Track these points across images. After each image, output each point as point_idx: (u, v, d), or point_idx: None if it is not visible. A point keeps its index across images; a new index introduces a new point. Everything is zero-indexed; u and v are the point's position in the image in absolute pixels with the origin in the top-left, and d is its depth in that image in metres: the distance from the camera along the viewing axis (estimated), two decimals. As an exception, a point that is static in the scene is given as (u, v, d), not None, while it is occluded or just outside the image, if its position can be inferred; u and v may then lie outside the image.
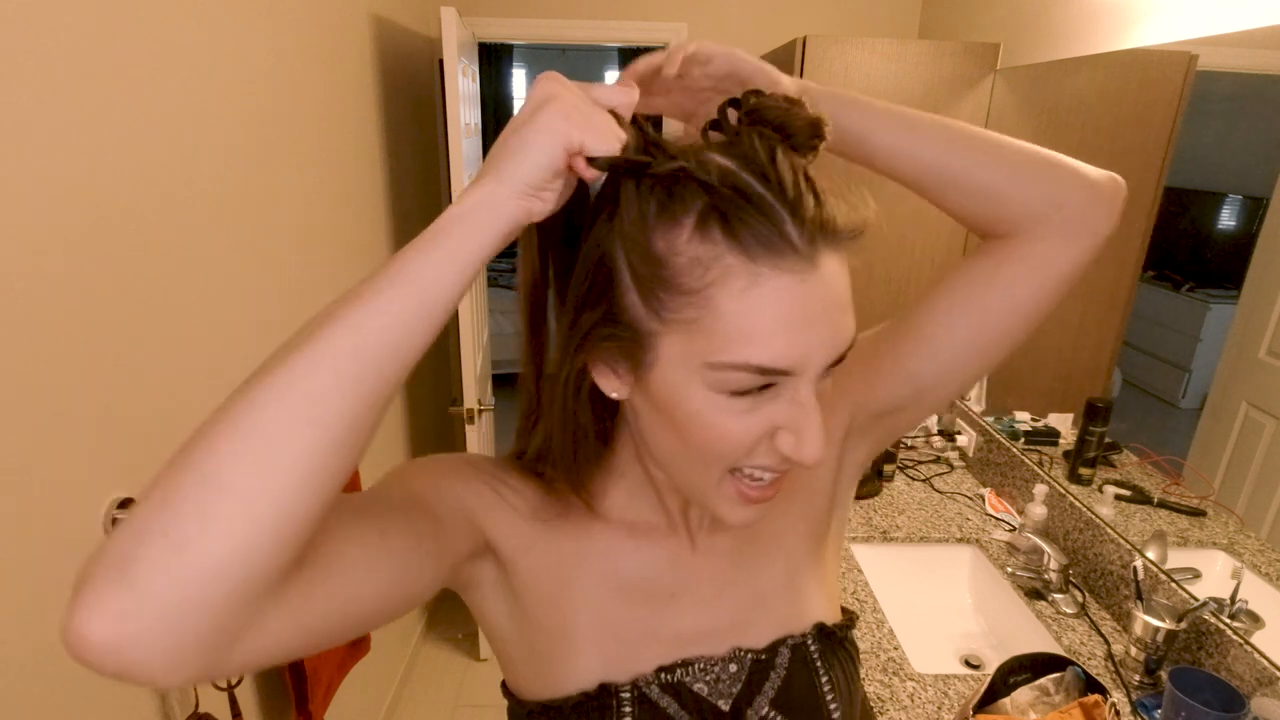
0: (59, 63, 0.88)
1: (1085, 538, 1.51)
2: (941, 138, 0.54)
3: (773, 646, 0.59)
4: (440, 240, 0.39)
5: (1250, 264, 1.19)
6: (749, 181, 0.42)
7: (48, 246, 0.87)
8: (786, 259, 0.42)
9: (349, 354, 0.36)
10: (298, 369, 0.35)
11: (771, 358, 0.43)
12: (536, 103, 0.41)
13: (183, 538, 0.31)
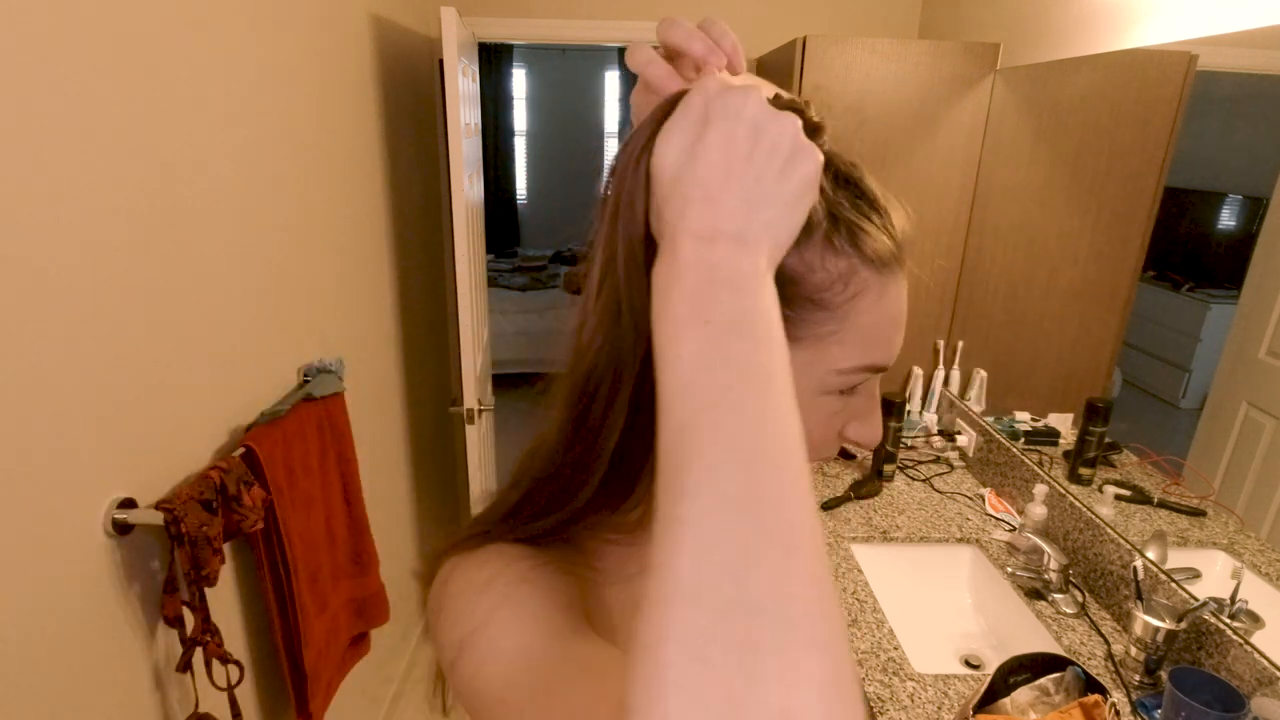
0: (59, 63, 0.88)
1: (1085, 538, 1.51)
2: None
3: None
4: (754, 324, 0.32)
5: (1250, 264, 1.19)
6: (857, 188, 0.44)
7: (48, 247, 0.87)
8: (900, 268, 0.45)
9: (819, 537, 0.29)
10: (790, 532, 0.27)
11: (888, 356, 0.46)
12: (789, 152, 0.35)
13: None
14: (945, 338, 2.17)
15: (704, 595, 0.25)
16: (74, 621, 0.93)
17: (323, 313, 1.64)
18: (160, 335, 1.07)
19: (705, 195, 0.34)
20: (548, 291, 5.20)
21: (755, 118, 0.35)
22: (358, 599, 1.60)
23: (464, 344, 2.07)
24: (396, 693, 2.29)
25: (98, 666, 0.97)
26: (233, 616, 1.29)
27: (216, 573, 1.08)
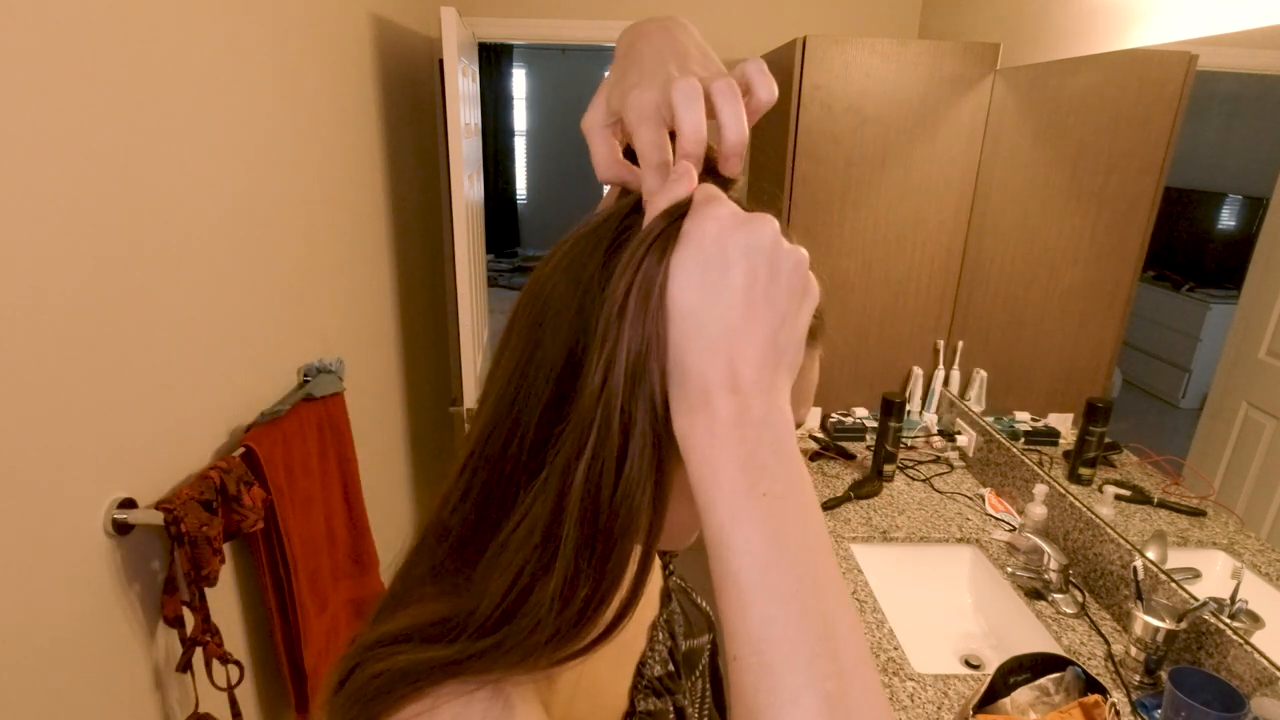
0: (59, 64, 0.88)
1: (1085, 538, 1.51)
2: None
3: (666, 595, 0.63)
4: (777, 460, 0.33)
5: (1250, 264, 1.19)
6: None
7: (48, 247, 0.87)
8: (820, 339, 0.44)
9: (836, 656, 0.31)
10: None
11: (799, 420, 0.44)
12: (799, 289, 0.35)
13: None
14: (945, 338, 2.17)
15: None
16: (74, 621, 0.93)
17: (323, 313, 1.64)
18: (160, 335, 1.07)
19: (731, 343, 0.33)
20: (548, 291, 5.19)
21: (773, 254, 0.34)
22: (358, 599, 1.60)
23: (464, 344, 2.07)
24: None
25: (98, 666, 0.97)
26: (233, 616, 1.29)
27: (216, 573, 1.08)
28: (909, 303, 2.14)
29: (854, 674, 0.31)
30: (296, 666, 1.35)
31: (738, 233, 0.34)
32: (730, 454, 0.32)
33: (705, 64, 0.42)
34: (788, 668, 0.30)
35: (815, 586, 0.31)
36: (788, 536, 0.32)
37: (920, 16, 2.54)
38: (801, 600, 0.31)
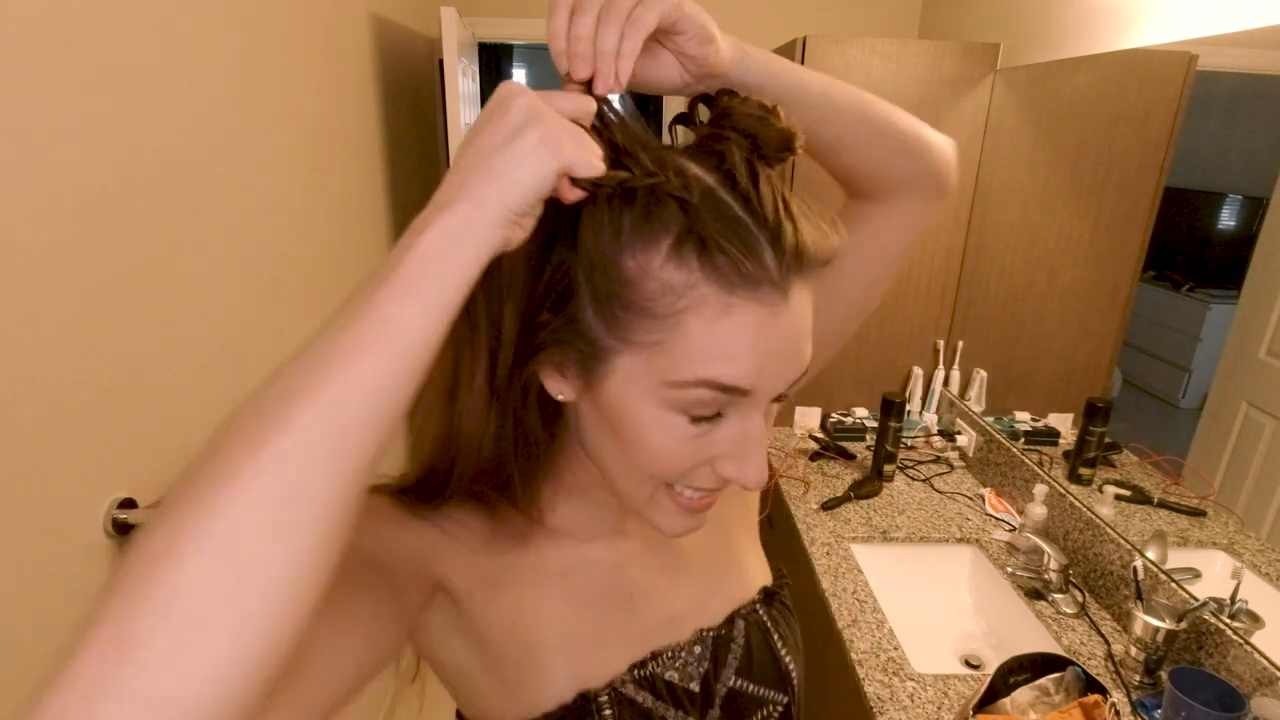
0: (59, 63, 0.88)
1: (1085, 538, 1.51)
2: (854, 106, 0.55)
3: (729, 620, 0.62)
4: (418, 285, 0.34)
5: (1250, 264, 1.19)
6: (730, 205, 0.41)
7: (48, 246, 0.87)
8: (762, 290, 0.41)
9: (326, 438, 0.31)
10: (266, 462, 0.29)
11: (734, 377, 0.42)
12: (519, 123, 0.37)
13: (151, 693, 0.26)
14: (945, 338, 2.17)
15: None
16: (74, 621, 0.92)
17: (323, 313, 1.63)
18: (160, 335, 1.07)
19: (459, 162, 0.38)
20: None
21: (504, 98, 0.38)
22: (358, 599, 1.60)
23: (464, 344, 2.07)
24: (396, 693, 2.29)
25: (98, 666, 0.97)
26: (233, 616, 1.29)
27: (216, 573, 1.08)
28: (909, 303, 2.14)
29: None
30: (296, 666, 1.35)
31: (497, 93, 0.39)
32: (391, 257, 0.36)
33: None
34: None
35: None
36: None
37: (920, 16, 2.54)
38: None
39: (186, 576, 0.27)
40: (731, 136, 0.43)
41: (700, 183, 0.41)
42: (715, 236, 0.40)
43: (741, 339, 0.42)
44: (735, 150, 0.43)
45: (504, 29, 2.53)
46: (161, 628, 0.27)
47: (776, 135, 0.44)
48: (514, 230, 0.37)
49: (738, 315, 0.41)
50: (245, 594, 0.28)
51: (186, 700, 0.27)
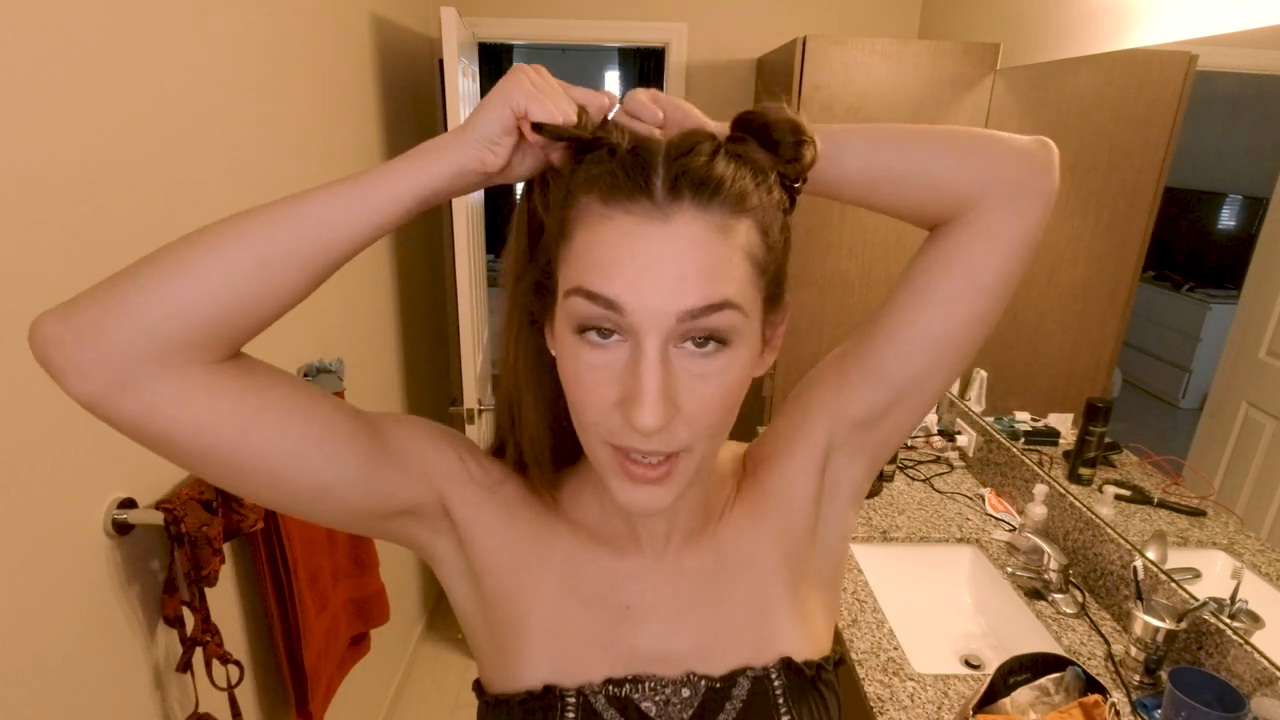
0: (59, 63, 0.88)
1: (1085, 538, 1.51)
2: (896, 143, 0.54)
3: (731, 676, 0.56)
4: (402, 159, 0.46)
5: (1250, 264, 1.19)
6: (650, 150, 0.45)
7: (48, 245, 0.87)
8: (637, 204, 0.44)
9: (285, 213, 0.44)
10: (247, 216, 0.44)
11: (601, 286, 0.44)
12: (509, 78, 0.46)
13: (116, 286, 0.42)
14: (945, 338, 2.17)
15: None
16: (74, 621, 0.93)
17: (323, 313, 1.64)
18: (160, 335, 1.07)
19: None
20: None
21: (507, 83, 0.46)
22: (358, 599, 1.60)
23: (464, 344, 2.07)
24: (396, 693, 2.29)
25: (98, 666, 0.97)
26: (233, 616, 1.29)
27: (216, 573, 1.08)
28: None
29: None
30: (296, 666, 1.35)
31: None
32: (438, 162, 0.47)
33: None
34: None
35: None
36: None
37: (920, 16, 2.54)
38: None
39: (169, 254, 0.43)
40: (738, 139, 0.48)
41: (638, 136, 0.46)
42: (618, 162, 0.45)
43: (613, 249, 0.44)
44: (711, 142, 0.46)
45: (504, 29, 2.52)
46: (150, 267, 0.42)
47: (785, 120, 0.47)
48: (486, 152, 0.46)
49: (612, 226, 0.44)
50: (195, 271, 0.42)
51: (131, 303, 0.41)
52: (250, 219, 0.44)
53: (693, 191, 0.44)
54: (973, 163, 0.54)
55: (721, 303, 0.44)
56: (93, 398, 0.41)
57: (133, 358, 0.41)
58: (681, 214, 0.44)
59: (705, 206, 0.44)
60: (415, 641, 2.52)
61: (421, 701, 2.33)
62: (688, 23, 2.52)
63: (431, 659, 2.51)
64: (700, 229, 0.44)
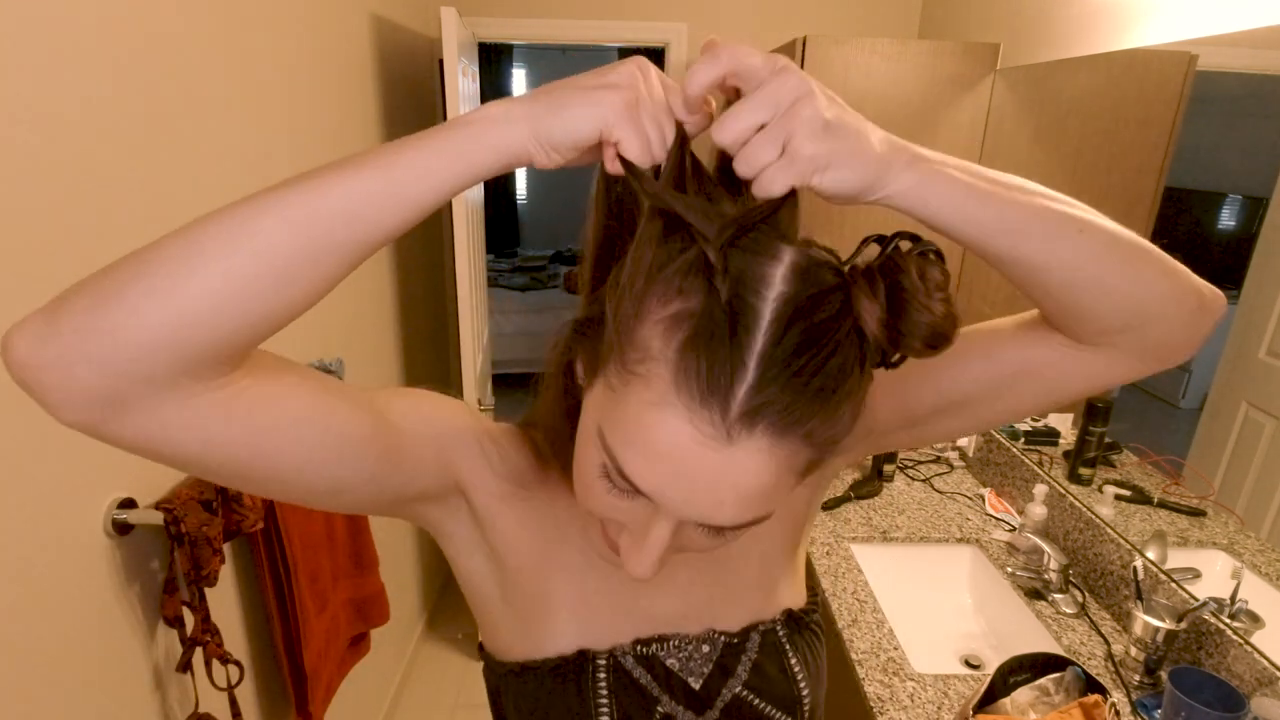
0: (59, 63, 0.88)
1: (1085, 538, 1.51)
2: (1074, 244, 0.44)
3: (744, 631, 0.61)
4: (441, 137, 0.39)
5: (1250, 264, 1.19)
6: (749, 323, 0.37)
7: (48, 244, 0.87)
8: (706, 415, 0.37)
9: (303, 209, 0.37)
10: (253, 210, 0.37)
11: (638, 477, 0.40)
12: (610, 81, 0.40)
13: (100, 302, 0.35)
14: (945, 338, 2.17)
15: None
16: (74, 621, 0.93)
17: (323, 313, 1.64)
18: (160, 335, 1.07)
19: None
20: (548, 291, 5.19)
21: (622, 61, 0.41)
22: (358, 599, 1.60)
23: (464, 344, 2.07)
24: (396, 693, 2.29)
25: (98, 666, 0.97)
26: (233, 616, 1.29)
27: (216, 573, 1.08)
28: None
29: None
30: (296, 666, 1.35)
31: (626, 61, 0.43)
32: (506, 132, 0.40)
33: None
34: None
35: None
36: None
37: (920, 16, 2.54)
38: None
39: (159, 253, 0.36)
40: (865, 288, 0.39)
41: (741, 274, 0.38)
42: (707, 339, 0.37)
43: (663, 441, 0.39)
44: (847, 296, 0.39)
45: (504, 29, 2.53)
46: (131, 273, 0.36)
47: (925, 326, 0.38)
48: (540, 154, 0.40)
49: (669, 417, 0.38)
50: (189, 278, 0.35)
51: (114, 318, 0.35)
52: (253, 218, 0.36)
53: (771, 429, 0.38)
54: (1145, 305, 0.45)
55: (754, 520, 0.42)
56: (85, 426, 0.37)
57: (125, 384, 0.35)
58: (750, 442, 0.38)
59: (779, 440, 0.38)
60: (415, 641, 2.52)
61: (421, 701, 2.33)
62: (688, 23, 2.52)
63: (431, 659, 2.51)
64: (762, 460, 0.39)
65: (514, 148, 0.39)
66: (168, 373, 0.36)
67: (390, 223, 0.38)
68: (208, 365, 0.37)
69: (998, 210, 0.43)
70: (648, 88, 0.40)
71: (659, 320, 0.39)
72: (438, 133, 0.39)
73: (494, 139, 0.39)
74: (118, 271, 0.36)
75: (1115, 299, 0.45)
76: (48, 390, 0.35)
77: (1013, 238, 0.43)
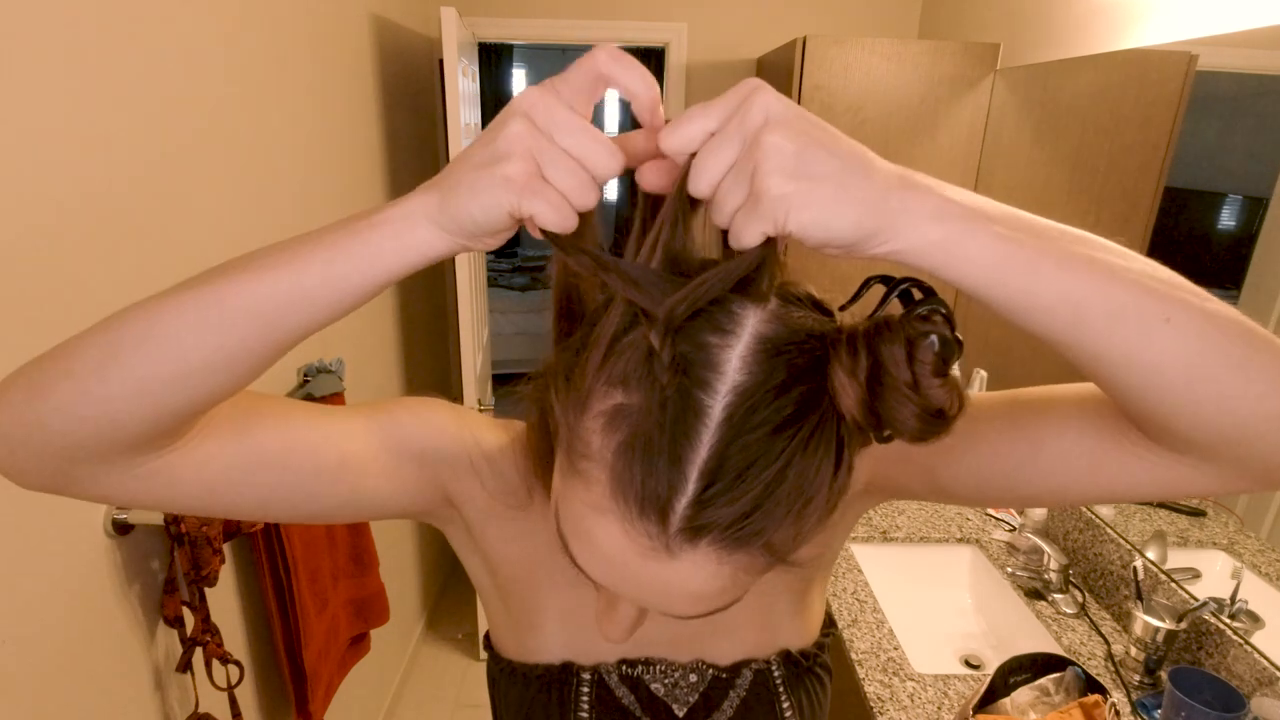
0: (59, 63, 0.88)
1: (1085, 538, 1.51)
2: (1170, 339, 0.33)
3: (735, 667, 0.58)
4: (347, 239, 0.35)
5: (1250, 264, 1.19)
6: (692, 426, 0.33)
7: (49, 244, 0.87)
8: (643, 527, 0.34)
9: (213, 308, 0.35)
10: (165, 310, 0.36)
11: (587, 569, 0.39)
12: (501, 152, 0.33)
13: (32, 397, 0.36)
14: (945, 338, 2.17)
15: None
16: (74, 621, 0.93)
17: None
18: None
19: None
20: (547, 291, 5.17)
21: (505, 116, 0.34)
22: (358, 599, 1.60)
23: (464, 344, 2.08)
24: (396, 693, 2.29)
25: (98, 666, 0.97)
26: (233, 616, 1.29)
27: (216, 573, 1.08)
28: (909, 303, 2.14)
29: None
30: (296, 666, 1.35)
31: (509, 105, 0.36)
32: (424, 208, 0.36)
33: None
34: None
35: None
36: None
37: (920, 16, 2.54)
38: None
39: (76, 347, 0.36)
40: (845, 360, 0.33)
41: (678, 367, 0.33)
42: (645, 446, 0.33)
43: (603, 546, 0.36)
44: (823, 371, 0.34)
45: (504, 29, 2.53)
46: (58, 365, 0.36)
47: (912, 420, 0.31)
48: (473, 241, 0.36)
49: (608, 524, 0.35)
50: (104, 376, 0.35)
51: (40, 412, 0.36)
52: (167, 319, 0.35)
53: (719, 544, 0.34)
54: (1248, 414, 0.33)
55: (719, 609, 0.39)
56: (43, 489, 0.39)
57: (69, 464, 0.37)
58: (695, 555, 0.35)
59: (729, 553, 0.35)
60: (415, 641, 2.52)
61: (421, 701, 2.33)
62: (688, 23, 2.52)
63: (431, 659, 2.51)
64: (710, 572, 0.35)
65: (421, 246, 0.35)
66: (103, 453, 0.37)
67: (304, 324, 0.36)
68: (140, 447, 0.38)
69: (1057, 287, 0.32)
70: (547, 135, 0.33)
71: (600, 413, 0.35)
72: (346, 235, 0.35)
73: (398, 241, 0.35)
74: (47, 368, 0.36)
75: (1210, 409, 0.34)
76: (2, 467, 0.38)
77: (1076, 326, 0.33)
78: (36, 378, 0.36)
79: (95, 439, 0.36)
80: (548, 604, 0.58)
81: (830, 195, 0.31)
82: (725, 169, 0.32)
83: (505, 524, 0.57)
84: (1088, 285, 0.33)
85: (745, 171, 0.32)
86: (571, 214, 0.33)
